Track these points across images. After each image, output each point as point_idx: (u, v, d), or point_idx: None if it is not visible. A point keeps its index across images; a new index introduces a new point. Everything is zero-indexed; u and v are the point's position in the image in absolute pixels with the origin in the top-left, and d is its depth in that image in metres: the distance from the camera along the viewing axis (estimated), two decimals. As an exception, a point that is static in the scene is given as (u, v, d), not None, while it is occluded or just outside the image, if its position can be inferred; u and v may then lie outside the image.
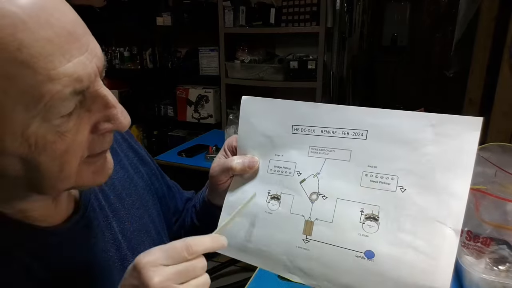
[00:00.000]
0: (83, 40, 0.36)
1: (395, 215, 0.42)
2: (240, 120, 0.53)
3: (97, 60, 0.37)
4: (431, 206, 0.41)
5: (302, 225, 0.47)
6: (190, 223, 0.70)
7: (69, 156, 0.37)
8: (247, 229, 0.50)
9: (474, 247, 0.78)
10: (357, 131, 0.45)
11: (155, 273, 0.38)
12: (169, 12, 2.60)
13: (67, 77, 0.34)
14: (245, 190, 0.53)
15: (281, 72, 2.33)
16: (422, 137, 0.42)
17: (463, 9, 2.19)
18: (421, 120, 0.42)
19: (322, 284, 0.45)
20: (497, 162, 0.84)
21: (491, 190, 0.76)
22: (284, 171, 0.50)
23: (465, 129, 0.40)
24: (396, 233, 0.42)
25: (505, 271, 0.75)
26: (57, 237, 0.46)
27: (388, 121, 0.44)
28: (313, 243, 0.46)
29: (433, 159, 0.41)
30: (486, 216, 0.76)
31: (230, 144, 0.56)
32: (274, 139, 0.51)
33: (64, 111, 0.35)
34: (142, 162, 0.66)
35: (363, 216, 0.44)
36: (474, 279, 0.75)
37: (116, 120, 0.39)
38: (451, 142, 0.41)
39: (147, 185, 0.65)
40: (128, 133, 0.67)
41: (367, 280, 0.42)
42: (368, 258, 0.42)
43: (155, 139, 3.05)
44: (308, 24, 2.21)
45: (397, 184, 0.43)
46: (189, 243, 0.40)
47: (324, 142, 0.48)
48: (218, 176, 0.55)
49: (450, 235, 0.39)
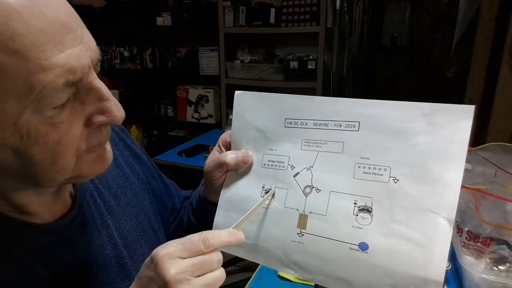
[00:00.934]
0: (77, 32, 0.36)
1: (388, 207, 0.42)
2: (233, 114, 0.54)
3: (91, 52, 0.37)
4: (424, 196, 0.40)
5: (297, 219, 0.47)
6: (187, 221, 0.70)
7: (62, 148, 0.37)
8: (245, 225, 0.50)
9: (474, 247, 0.78)
10: (349, 123, 0.45)
11: (172, 265, 0.38)
12: (169, 12, 2.60)
13: (59, 68, 0.33)
14: (240, 185, 0.53)
15: (281, 72, 2.33)
16: (414, 126, 0.42)
17: (463, 9, 2.19)
18: (413, 109, 0.42)
19: (317, 277, 0.45)
20: (497, 162, 0.84)
21: (491, 190, 0.76)
22: (277, 165, 0.50)
23: (458, 117, 0.40)
24: (390, 224, 0.42)
25: (505, 271, 0.75)
26: (53, 234, 0.46)
27: (380, 112, 0.44)
28: (308, 237, 0.46)
29: (425, 148, 0.41)
30: (486, 216, 0.76)
31: (224, 140, 0.56)
32: (267, 133, 0.51)
33: (56, 102, 0.35)
34: (138, 161, 0.66)
35: (357, 208, 0.44)
36: (474, 279, 0.75)
37: (110, 113, 0.39)
38: (443, 131, 0.40)
39: (143, 184, 0.65)
40: (124, 132, 0.67)
41: (361, 272, 0.42)
42: (362, 250, 0.42)
43: (155, 139, 3.05)
44: (308, 24, 2.21)
45: (389, 175, 0.43)
46: (206, 236, 0.40)
47: (316, 135, 0.48)
48: (213, 171, 0.55)
49: (443, 225, 0.39)
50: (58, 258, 0.46)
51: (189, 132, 2.85)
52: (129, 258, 0.55)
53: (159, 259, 0.39)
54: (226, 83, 2.49)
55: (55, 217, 0.47)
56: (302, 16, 2.21)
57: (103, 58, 2.96)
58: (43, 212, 0.45)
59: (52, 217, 0.47)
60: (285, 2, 2.24)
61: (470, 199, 0.78)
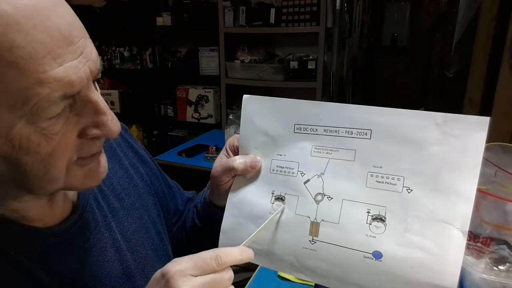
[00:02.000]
0: (78, 44, 0.35)
1: (402, 216, 0.42)
2: (241, 119, 0.53)
3: (91, 63, 0.37)
4: (438, 207, 0.40)
5: (308, 227, 0.46)
6: (191, 223, 0.70)
7: (54, 158, 0.37)
8: (252, 230, 0.50)
9: (474, 247, 0.78)
10: (361, 131, 0.45)
11: (184, 283, 0.38)
12: (169, 12, 2.60)
13: (57, 81, 0.33)
14: (248, 190, 0.52)
15: (281, 72, 2.33)
16: (427, 136, 0.41)
17: (463, 9, 2.19)
18: (426, 119, 0.42)
19: (331, 282, 0.45)
20: (497, 162, 0.84)
21: (491, 190, 0.76)
22: (287, 171, 0.50)
23: (471, 129, 0.39)
24: (404, 234, 0.41)
25: (505, 271, 0.75)
26: (54, 238, 0.45)
27: (392, 120, 0.43)
28: (320, 244, 0.45)
29: (438, 159, 0.41)
30: (486, 216, 0.76)
31: (232, 144, 0.56)
32: (276, 138, 0.51)
33: (51, 114, 0.34)
34: (142, 162, 0.66)
35: (370, 217, 0.43)
36: (474, 279, 0.75)
37: (105, 127, 0.39)
38: (457, 142, 0.40)
39: (147, 185, 0.65)
40: (128, 133, 0.67)
41: (376, 279, 0.42)
42: (376, 258, 0.42)
43: (155, 139, 3.05)
44: (308, 24, 2.21)
45: (403, 184, 0.42)
46: (218, 254, 0.40)
47: (327, 142, 0.47)
48: (220, 176, 0.54)
49: (457, 235, 0.39)
50: (59, 262, 0.45)
51: (189, 132, 2.84)
52: (133, 261, 0.55)
53: (171, 276, 0.38)
54: (226, 83, 2.49)
55: (58, 221, 0.47)
56: (302, 16, 2.21)
57: (103, 58, 2.97)
58: (44, 216, 0.45)
59: (54, 220, 0.47)
60: (285, 2, 2.24)
61: (470, 199, 0.78)
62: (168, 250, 0.64)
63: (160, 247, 0.62)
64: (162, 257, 0.61)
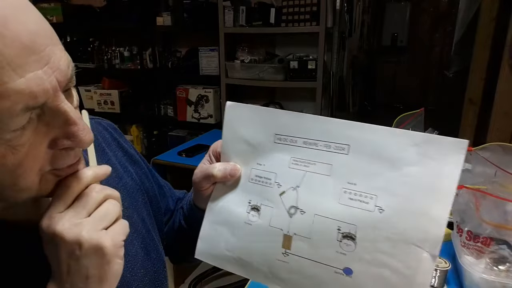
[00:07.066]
0: (43, 53, 0.33)
1: (372, 236, 0.42)
2: (224, 126, 0.52)
3: (58, 73, 0.34)
4: (409, 229, 0.40)
5: (281, 239, 0.46)
6: (179, 224, 0.70)
7: (22, 169, 0.35)
8: (228, 238, 0.50)
9: (474, 247, 0.78)
10: (339, 145, 0.44)
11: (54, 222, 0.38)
12: (169, 12, 2.60)
13: (17, 94, 0.31)
14: (227, 198, 0.52)
15: (281, 72, 2.33)
16: (404, 156, 0.41)
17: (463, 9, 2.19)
18: (405, 138, 0.41)
19: None
20: (497, 162, 0.84)
21: (491, 190, 0.76)
22: (264, 182, 0.49)
23: (450, 151, 0.39)
24: (373, 253, 0.41)
25: (505, 271, 0.75)
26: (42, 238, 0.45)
27: (371, 137, 0.42)
28: (293, 257, 0.45)
29: (413, 180, 0.40)
30: (486, 216, 0.76)
31: (215, 149, 0.55)
32: (257, 147, 0.50)
33: (14, 126, 0.33)
34: (131, 161, 0.66)
35: (340, 235, 0.43)
36: (474, 279, 0.75)
37: (75, 137, 0.37)
38: (434, 164, 0.39)
39: (136, 184, 0.64)
40: (117, 132, 0.66)
41: None
42: (347, 274, 0.42)
43: (155, 139, 3.05)
44: (308, 24, 2.20)
45: (375, 204, 0.42)
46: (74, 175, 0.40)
47: (305, 154, 0.46)
48: (200, 182, 0.54)
49: (426, 258, 0.39)
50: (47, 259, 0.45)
51: (189, 132, 2.84)
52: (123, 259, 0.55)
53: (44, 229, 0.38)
54: (226, 83, 2.49)
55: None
56: (302, 16, 2.21)
57: (103, 58, 2.97)
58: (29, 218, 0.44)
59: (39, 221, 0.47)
60: (285, 2, 2.24)
61: (470, 199, 0.78)
62: (159, 248, 0.64)
63: (151, 246, 0.62)
64: (152, 256, 0.61)
